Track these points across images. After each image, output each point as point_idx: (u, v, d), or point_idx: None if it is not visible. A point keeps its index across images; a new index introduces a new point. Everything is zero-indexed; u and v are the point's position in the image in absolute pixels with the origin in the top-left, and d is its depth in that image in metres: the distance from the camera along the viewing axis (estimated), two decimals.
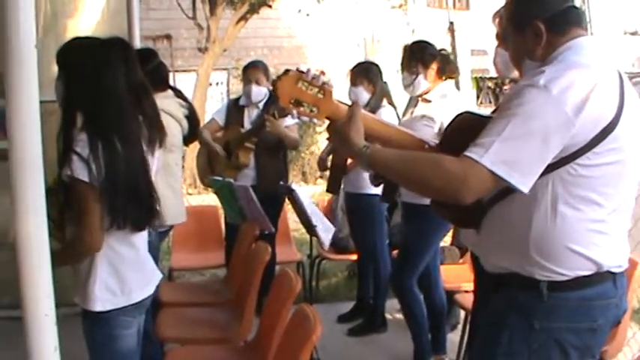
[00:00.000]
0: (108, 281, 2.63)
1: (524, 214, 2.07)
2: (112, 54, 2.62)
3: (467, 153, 1.98)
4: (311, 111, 2.21)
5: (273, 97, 5.38)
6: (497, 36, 3.37)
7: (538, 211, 2.05)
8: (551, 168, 1.99)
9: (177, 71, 14.64)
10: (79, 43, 2.72)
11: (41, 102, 2.03)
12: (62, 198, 2.54)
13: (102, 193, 2.49)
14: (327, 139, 2.35)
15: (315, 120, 2.23)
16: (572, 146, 1.97)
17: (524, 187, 1.96)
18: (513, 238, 2.12)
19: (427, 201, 2.41)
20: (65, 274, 2.69)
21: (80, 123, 2.57)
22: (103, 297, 2.62)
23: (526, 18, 2.17)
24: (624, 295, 2.18)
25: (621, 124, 2.00)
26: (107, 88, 2.56)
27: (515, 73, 3.31)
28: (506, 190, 2.01)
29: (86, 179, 2.45)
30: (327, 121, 2.29)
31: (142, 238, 2.78)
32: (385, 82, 5.21)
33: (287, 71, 2.25)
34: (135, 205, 2.60)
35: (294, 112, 2.23)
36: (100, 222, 2.52)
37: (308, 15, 13.98)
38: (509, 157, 1.93)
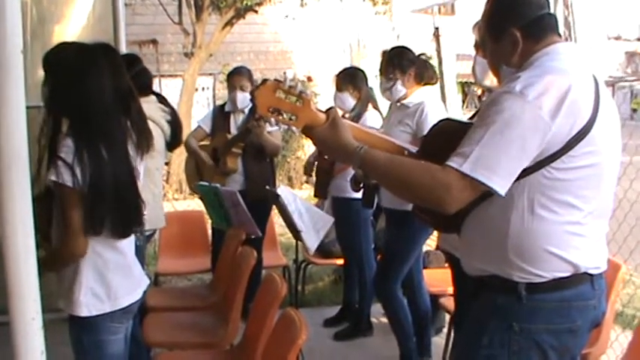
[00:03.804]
0: (93, 286, 2.64)
1: (502, 216, 2.11)
2: (97, 60, 2.63)
3: (448, 162, 2.02)
4: (290, 119, 2.23)
5: None
6: (476, 45, 3.43)
7: (515, 214, 2.08)
8: (527, 171, 2.03)
9: (163, 76, 14.64)
10: (64, 48, 2.72)
11: (27, 107, 2.04)
12: (48, 205, 2.55)
13: (86, 199, 2.50)
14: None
15: (294, 128, 2.26)
16: (547, 149, 2.01)
17: (502, 190, 2.00)
18: (492, 241, 2.15)
19: (409, 207, 2.45)
20: (51, 279, 2.70)
21: (65, 128, 2.58)
22: (89, 302, 2.63)
23: (502, 26, 2.22)
24: (603, 297, 2.21)
25: (596, 128, 2.04)
26: (92, 93, 2.57)
27: (492, 82, 3.39)
28: (485, 193, 2.05)
29: (70, 184, 2.46)
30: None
31: (128, 243, 2.78)
32: (371, 88, 5.24)
33: (265, 81, 2.28)
34: (120, 211, 2.61)
35: (273, 120, 2.25)
36: (84, 227, 2.53)
37: (294, 19, 13.98)
38: (489, 163, 1.98)
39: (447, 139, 2.19)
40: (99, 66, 2.61)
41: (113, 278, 2.68)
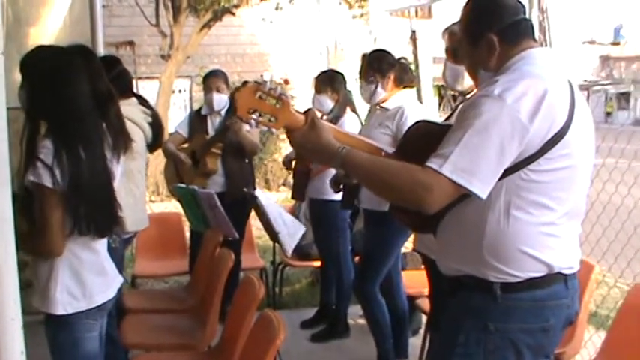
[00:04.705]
0: (69, 285, 2.66)
1: (478, 217, 2.14)
2: (74, 63, 2.65)
3: (428, 164, 2.05)
4: (269, 121, 2.26)
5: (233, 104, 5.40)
6: (447, 51, 3.48)
7: (491, 215, 2.12)
8: (504, 174, 2.06)
9: (140, 78, 14.53)
10: (41, 51, 2.74)
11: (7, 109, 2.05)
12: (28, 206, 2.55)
13: (65, 200, 2.52)
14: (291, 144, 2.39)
15: (273, 130, 2.28)
16: (524, 152, 2.05)
17: (483, 193, 2.04)
18: (468, 241, 2.19)
19: (387, 207, 2.47)
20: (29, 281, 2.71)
21: (44, 130, 2.59)
22: (65, 300, 2.64)
23: (479, 31, 2.26)
24: (576, 296, 2.26)
25: (572, 131, 2.09)
26: (69, 96, 2.59)
27: (463, 85, 3.44)
28: (462, 195, 2.08)
29: (49, 185, 2.47)
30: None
31: (102, 242, 2.81)
32: (349, 91, 5.28)
33: (245, 82, 2.30)
34: (98, 211, 2.63)
35: (253, 122, 2.27)
36: (62, 227, 2.55)
37: (271, 22, 14.01)
38: (468, 166, 2.01)
39: (423, 140, 2.23)
40: (76, 69, 2.62)
41: (88, 277, 2.71)
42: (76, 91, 2.60)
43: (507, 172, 2.07)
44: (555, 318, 2.19)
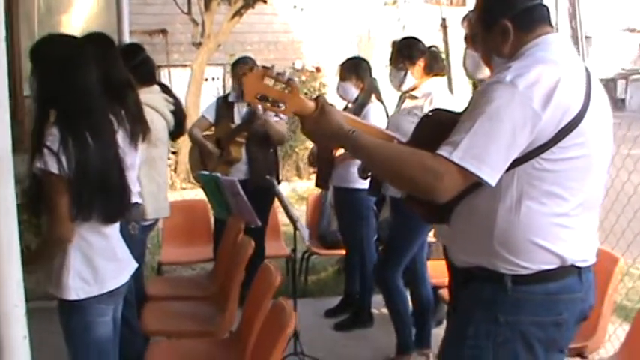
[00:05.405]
0: (81, 270, 2.68)
1: (490, 207, 2.10)
2: (84, 51, 2.66)
3: (438, 151, 2.02)
4: (278, 106, 2.23)
5: None
6: (466, 38, 3.43)
7: (503, 205, 2.08)
8: (516, 162, 2.02)
9: (174, 66, 14.65)
10: (51, 39, 2.77)
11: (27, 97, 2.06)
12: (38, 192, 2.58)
13: (72, 186, 2.53)
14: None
15: (282, 115, 2.27)
16: (537, 140, 2.00)
17: (492, 180, 2.00)
18: (479, 232, 2.15)
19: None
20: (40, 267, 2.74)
21: (53, 118, 2.61)
22: (77, 286, 2.67)
23: (493, 16, 2.21)
24: (590, 290, 2.20)
25: (587, 120, 2.03)
26: (78, 84, 2.61)
27: (484, 74, 3.40)
28: (473, 185, 2.04)
29: (56, 171, 2.50)
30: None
31: (113, 227, 2.83)
32: (375, 79, 5.23)
33: (252, 68, 2.29)
34: (105, 197, 2.64)
35: (260, 107, 2.26)
36: (69, 213, 2.57)
37: (302, 10, 13.99)
38: (478, 153, 1.97)
39: (438, 129, 2.19)
40: (85, 58, 2.65)
41: (99, 262, 2.74)
42: (84, 79, 2.61)
43: (519, 161, 2.02)
44: (568, 312, 2.14)
